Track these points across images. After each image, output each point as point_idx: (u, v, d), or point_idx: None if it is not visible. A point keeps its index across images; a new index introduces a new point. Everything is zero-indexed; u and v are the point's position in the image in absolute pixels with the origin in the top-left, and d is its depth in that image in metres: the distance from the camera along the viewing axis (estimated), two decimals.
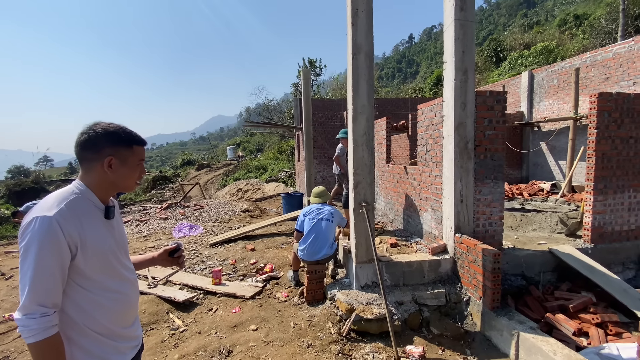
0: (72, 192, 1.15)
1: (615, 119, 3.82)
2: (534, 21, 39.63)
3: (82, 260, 1.11)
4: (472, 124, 3.48)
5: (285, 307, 3.77)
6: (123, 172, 1.20)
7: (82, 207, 1.14)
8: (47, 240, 1.03)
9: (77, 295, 1.13)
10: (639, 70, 6.96)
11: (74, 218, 1.10)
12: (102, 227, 1.19)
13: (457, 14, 3.35)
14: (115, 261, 1.24)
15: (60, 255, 1.05)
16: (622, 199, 3.97)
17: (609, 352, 2.66)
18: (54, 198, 1.12)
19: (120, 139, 1.18)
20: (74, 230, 1.08)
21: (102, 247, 1.17)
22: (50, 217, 1.04)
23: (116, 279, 1.23)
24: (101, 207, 1.21)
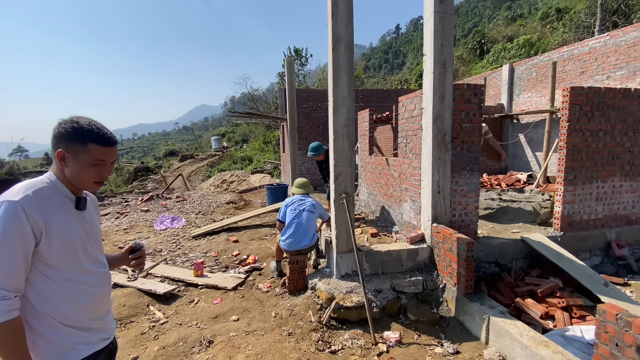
0: (42, 182, 1.17)
1: (586, 112, 3.97)
2: (518, 14, 40.14)
3: (46, 247, 1.11)
4: (449, 116, 3.55)
5: (267, 297, 3.82)
6: (74, 169, 1.18)
7: (50, 196, 1.15)
8: (11, 225, 1.04)
9: (40, 284, 1.13)
10: (613, 65, 7.21)
11: (40, 205, 1.10)
12: (71, 218, 1.19)
13: (436, 6, 3.37)
14: (84, 253, 1.23)
15: (24, 240, 1.06)
16: (590, 189, 4.16)
17: (573, 334, 2.83)
18: (23, 185, 1.13)
19: (74, 134, 1.15)
20: (39, 216, 1.09)
21: (69, 237, 1.17)
22: (16, 202, 1.05)
23: (83, 270, 1.22)
24: (72, 197, 1.21)
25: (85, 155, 1.17)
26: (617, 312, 1.84)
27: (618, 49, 7.08)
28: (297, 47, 25.10)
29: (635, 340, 1.77)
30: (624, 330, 1.81)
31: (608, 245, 4.28)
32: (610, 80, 7.20)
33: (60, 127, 1.16)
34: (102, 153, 1.20)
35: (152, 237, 6.39)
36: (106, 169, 1.24)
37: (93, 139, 1.18)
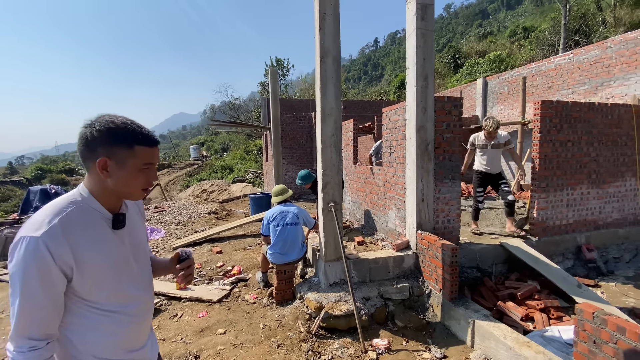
0: (71, 202, 0.99)
1: (556, 124, 4.25)
2: (488, 31, 42.54)
3: (79, 282, 0.97)
4: (432, 127, 3.70)
5: (254, 308, 3.75)
6: (121, 177, 1.00)
7: (81, 220, 0.98)
8: (33, 267, 0.89)
9: (73, 318, 0.99)
10: (577, 80, 7.77)
11: (68, 235, 0.93)
12: (107, 241, 1.02)
13: (418, 23, 3.54)
14: (124, 278, 1.07)
15: (50, 283, 0.91)
16: (561, 196, 4.43)
17: (552, 334, 2.97)
18: (48, 211, 0.95)
19: (117, 137, 0.97)
20: (67, 250, 0.93)
21: (106, 265, 1.01)
22: (37, 239, 0.89)
23: (124, 298, 1.08)
24: (108, 216, 1.03)
25: (133, 160, 0.99)
26: (593, 311, 1.97)
27: (581, 66, 7.65)
28: (278, 57, 25.28)
29: (611, 337, 1.89)
30: (601, 328, 1.93)
31: (579, 248, 4.55)
32: (575, 94, 7.75)
33: (94, 130, 0.96)
34: (149, 155, 1.03)
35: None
36: (153, 172, 1.07)
37: (139, 140, 1.00)
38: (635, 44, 6.53)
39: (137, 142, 1.00)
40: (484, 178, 4.62)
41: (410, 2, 3.63)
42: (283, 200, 4.03)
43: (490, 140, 4.44)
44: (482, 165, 4.60)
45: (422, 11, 3.54)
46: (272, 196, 4.14)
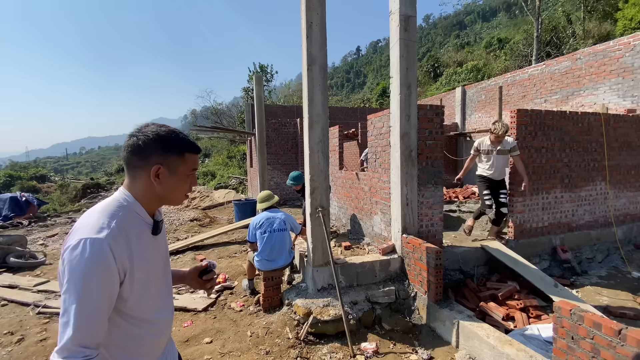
0: (120, 205, 1.00)
1: (531, 131, 4.47)
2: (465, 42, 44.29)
3: (128, 289, 0.96)
4: (415, 134, 3.82)
5: (241, 316, 3.70)
6: (171, 184, 1.04)
7: (131, 224, 0.99)
8: (96, 270, 0.88)
9: (114, 327, 0.97)
10: (549, 90, 8.21)
11: (125, 239, 0.95)
12: (149, 247, 1.04)
13: (401, 34, 3.67)
14: (159, 284, 1.09)
15: (110, 287, 0.91)
16: (537, 200, 4.64)
17: (532, 333, 3.09)
18: (102, 214, 0.96)
19: (171, 145, 1.02)
20: (125, 253, 0.94)
21: (148, 270, 1.03)
22: (102, 241, 0.89)
23: (158, 306, 1.09)
24: (149, 221, 1.06)
25: (183, 166, 1.05)
26: (570, 308, 2.07)
27: (553, 76, 8.10)
28: (262, 63, 25.29)
29: (588, 333, 2.00)
30: (578, 324, 2.04)
31: (554, 250, 4.76)
32: (547, 103, 8.17)
33: (147, 139, 1.00)
34: (195, 161, 1.10)
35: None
36: (195, 178, 1.13)
37: (188, 147, 1.06)
38: (604, 55, 6.98)
39: (187, 149, 1.06)
40: (489, 182, 4.47)
41: (394, 14, 3.76)
42: (269, 207, 4.02)
43: (496, 145, 4.29)
44: (485, 170, 4.47)
45: (405, 22, 3.67)
46: (258, 202, 4.11)
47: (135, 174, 1.02)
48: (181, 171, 1.05)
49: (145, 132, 1.01)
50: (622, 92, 6.70)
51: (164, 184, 1.03)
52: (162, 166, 1.01)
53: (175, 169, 1.04)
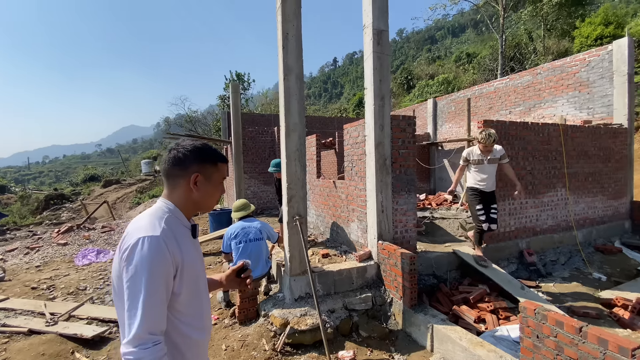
0: (165, 211, 1.12)
1: (496, 141, 4.72)
2: (437, 55, 46.32)
3: (178, 283, 1.06)
4: (389, 143, 3.93)
5: (216, 330, 3.59)
6: (207, 190, 1.18)
7: (176, 227, 1.11)
8: (157, 263, 0.98)
9: (170, 326, 1.05)
10: (513, 102, 8.71)
11: (174, 238, 1.06)
12: (192, 248, 1.15)
13: (374, 47, 3.80)
14: (203, 287, 1.19)
15: (168, 278, 1.01)
16: (504, 206, 4.88)
17: (502, 334, 3.21)
18: (151, 217, 1.08)
19: (206, 156, 1.17)
20: (177, 250, 1.05)
21: (195, 270, 1.13)
22: (158, 238, 1.00)
23: (204, 307, 1.18)
24: (188, 225, 1.18)
25: (217, 174, 1.20)
26: (534, 308, 2.18)
27: (516, 90, 8.61)
28: (239, 71, 25.15)
29: (551, 331, 2.11)
30: (542, 323, 2.15)
31: (521, 253, 5.00)
32: (512, 114, 8.67)
33: (186, 151, 1.14)
34: (225, 170, 1.25)
35: (72, 274, 5.59)
36: (224, 186, 1.27)
37: (220, 158, 1.21)
38: (561, 70, 7.53)
39: (219, 159, 1.21)
40: (481, 195, 4.22)
41: (367, 28, 3.90)
42: (245, 216, 3.96)
43: (486, 154, 4.14)
44: (477, 182, 4.23)
45: (377, 36, 3.81)
46: (233, 211, 4.03)
47: (176, 183, 1.15)
48: (215, 179, 1.20)
49: (184, 145, 1.16)
50: (579, 105, 7.24)
51: (201, 190, 1.16)
52: (200, 174, 1.15)
53: (210, 177, 1.18)
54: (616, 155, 6.25)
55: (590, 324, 1.96)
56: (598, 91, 6.76)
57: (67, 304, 4.28)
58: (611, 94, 6.51)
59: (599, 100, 6.75)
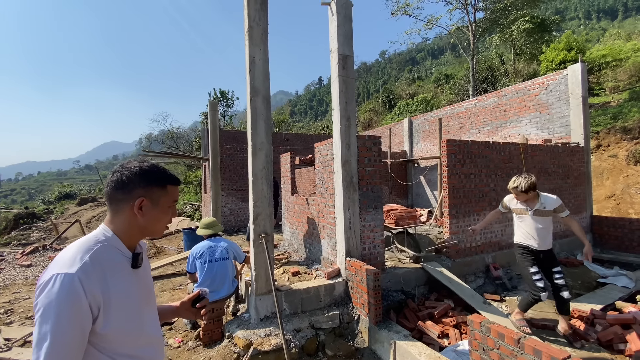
0: (97, 241, 1.03)
1: (460, 159, 4.95)
2: (417, 76, 48.14)
3: (102, 324, 0.96)
4: (355, 161, 4.06)
5: (178, 353, 3.50)
6: (154, 215, 1.10)
7: (107, 259, 1.01)
8: (67, 305, 0.88)
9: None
10: (482, 122, 9.14)
11: (98, 273, 0.96)
12: (128, 280, 1.06)
13: (340, 71, 3.99)
14: (143, 320, 1.09)
15: (82, 322, 0.91)
16: (469, 221, 5.05)
17: (463, 348, 3.27)
18: (77, 248, 0.98)
19: (153, 179, 1.09)
20: (98, 288, 0.94)
21: (128, 305, 1.03)
22: (72, 275, 0.90)
23: (144, 341, 1.09)
24: (128, 255, 1.08)
25: (165, 198, 1.12)
26: (480, 321, 2.27)
27: (484, 110, 9.06)
28: (222, 89, 25.32)
29: (495, 343, 2.19)
30: (487, 336, 2.23)
31: (487, 268, 5.15)
32: (481, 134, 9.08)
33: (130, 174, 1.06)
34: (176, 193, 1.16)
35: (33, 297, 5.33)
36: (175, 210, 1.19)
37: (169, 180, 1.13)
38: (524, 93, 8.00)
39: (168, 181, 1.13)
40: (532, 254, 3.47)
41: (334, 53, 4.09)
42: (212, 235, 3.93)
43: (530, 204, 3.44)
44: (524, 237, 3.52)
45: (343, 61, 4.00)
46: (200, 227, 3.97)
47: (118, 208, 1.07)
48: (163, 202, 1.12)
49: (128, 167, 1.08)
50: (540, 125, 7.68)
51: (146, 215, 1.08)
52: (145, 198, 1.07)
53: (157, 201, 1.10)
54: (575, 172, 6.62)
55: (548, 336, 2.05)
56: (557, 112, 7.21)
57: (24, 329, 4.07)
58: (568, 115, 6.97)
59: (557, 120, 7.20)
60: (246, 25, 3.66)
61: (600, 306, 4.10)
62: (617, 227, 6.42)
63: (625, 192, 10.01)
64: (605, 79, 18.14)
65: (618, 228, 6.39)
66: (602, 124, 12.86)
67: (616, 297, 4.46)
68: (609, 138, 12.12)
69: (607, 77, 18.06)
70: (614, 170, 10.99)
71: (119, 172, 1.07)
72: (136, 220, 1.07)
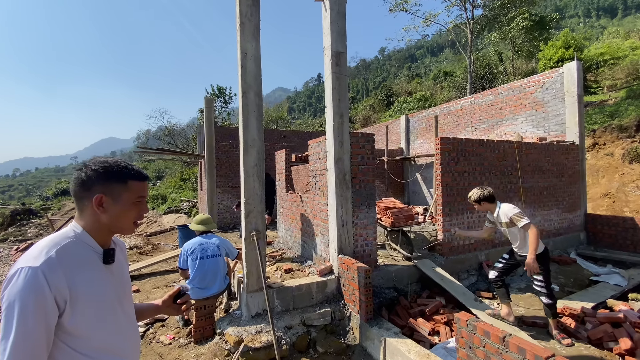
0: (66, 236, 1.04)
1: (453, 157, 4.94)
2: (416, 73, 48.02)
3: (69, 318, 0.97)
4: (348, 159, 4.05)
5: (170, 350, 3.50)
6: (115, 211, 1.08)
7: (76, 254, 1.02)
8: (31, 297, 0.89)
9: (64, 358, 0.97)
10: (478, 119, 9.13)
11: (64, 267, 0.96)
12: (98, 276, 1.06)
13: (333, 68, 3.96)
14: (114, 315, 1.10)
15: (45, 316, 0.92)
16: (462, 219, 5.06)
17: (453, 345, 3.28)
18: (45, 244, 0.99)
19: (112, 174, 1.08)
20: (63, 282, 0.95)
21: (97, 300, 1.04)
22: (36, 269, 0.91)
23: (115, 337, 1.09)
24: (99, 251, 1.09)
25: (127, 194, 1.10)
26: (467, 318, 2.27)
27: (481, 108, 9.05)
28: (220, 85, 25.20)
29: (481, 341, 2.20)
30: (473, 334, 2.24)
31: (480, 265, 5.16)
32: (477, 131, 9.07)
33: (89, 170, 1.06)
34: (141, 189, 1.14)
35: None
36: (144, 206, 1.16)
37: (131, 175, 1.11)
38: (520, 91, 7.99)
39: (130, 177, 1.11)
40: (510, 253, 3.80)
41: (327, 49, 4.06)
42: (205, 232, 3.92)
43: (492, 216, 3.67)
44: None
45: (336, 58, 3.98)
46: (194, 222, 3.97)
47: (82, 205, 1.08)
48: (125, 199, 1.10)
49: (88, 165, 1.09)
50: (536, 123, 7.67)
51: (108, 212, 1.08)
52: (105, 195, 1.07)
53: (118, 197, 1.09)
54: (569, 170, 6.63)
55: (538, 334, 2.06)
56: (552, 110, 7.21)
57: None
58: (564, 113, 6.96)
59: (553, 118, 7.19)
60: (238, 21, 3.62)
61: (592, 304, 4.12)
62: (611, 225, 6.44)
63: (620, 191, 10.04)
64: (602, 77, 18.14)
65: (612, 226, 6.41)
66: (598, 122, 12.87)
67: (608, 295, 4.48)
68: (605, 136, 12.13)
69: (604, 76, 18.06)
70: (609, 168, 11.01)
71: (80, 170, 1.09)
72: (99, 217, 1.08)
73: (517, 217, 3.40)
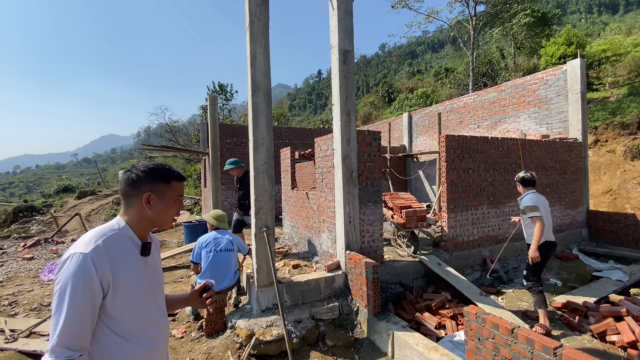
0: (112, 229, 1.17)
1: (458, 154, 5.00)
2: (417, 70, 47.89)
3: (111, 300, 1.10)
4: (355, 156, 4.10)
5: (182, 343, 3.58)
6: (160, 208, 1.23)
7: (119, 244, 1.15)
8: (81, 279, 1.03)
9: (103, 337, 1.10)
10: (481, 117, 9.17)
11: (109, 255, 1.10)
12: (137, 266, 1.19)
13: (340, 66, 4.01)
14: (148, 303, 1.23)
15: (92, 296, 1.05)
16: (467, 216, 5.13)
17: (459, 339, 3.36)
18: (93, 234, 1.13)
19: (158, 175, 1.23)
20: (108, 268, 1.08)
21: (136, 287, 1.17)
22: (86, 255, 1.05)
23: (148, 323, 1.22)
24: (138, 243, 1.22)
25: (170, 193, 1.25)
26: (476, 312, 2.35)
27: (483, 105, 9.08)
28: (221, 82, 25.18)
29: (490, 333, 2.27)
30: (482, 326, 2.31)
31: (484, 261, 5.24)
32: (480, 128, 9.11)
33: (139, 171, 1.21)
34: (181, 188, 1.29)
35: (37, 289, 5.40)
36: (181, 204, 1.31)
37: (174, 176, 1.26)
38: (523, 88, 8.03)
39: (173, 178, 1.27)
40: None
41: (334, 48, 4.11)
42: (219, 228, 4.01)
43: None
44: None
45: (343, 56, 4.02)
46: (209, 216, 4.03)
47: (130, 202, 1.22)
48: (168, 197, 1.25)
49: (137, 167, 1.24)
50: (539, 120, 7.72)
51: (154, 208, 1.22)
52: (152, 193, 1.21)
53: (163, 195, 1.24)
54: (572, 167, 6.69)
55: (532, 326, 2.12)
56: (555, 108, 7.25)
57: (28, 320, 4.14)
58: (567, 111, 7.00)
59: (556, 116, 7.24)
60: (247, 20, 3.66)
61: (594, 299, 4.20)
62: (612, 221, 6.51)
63: (622, 187, 10.10)
64: (604, 74, 18.13)
65: (613, 223, 6.48)
66: (600, 119, 12.90)
67: (610, 290, 4.56)
68: (607, 133, 12.17)
69: (606, 72, 18.05)
70: (611, 165, 11.06)
71: (130, 172, 1.23)
72: (145, 213, 1.22)
73: (529, 209, 3.68)
